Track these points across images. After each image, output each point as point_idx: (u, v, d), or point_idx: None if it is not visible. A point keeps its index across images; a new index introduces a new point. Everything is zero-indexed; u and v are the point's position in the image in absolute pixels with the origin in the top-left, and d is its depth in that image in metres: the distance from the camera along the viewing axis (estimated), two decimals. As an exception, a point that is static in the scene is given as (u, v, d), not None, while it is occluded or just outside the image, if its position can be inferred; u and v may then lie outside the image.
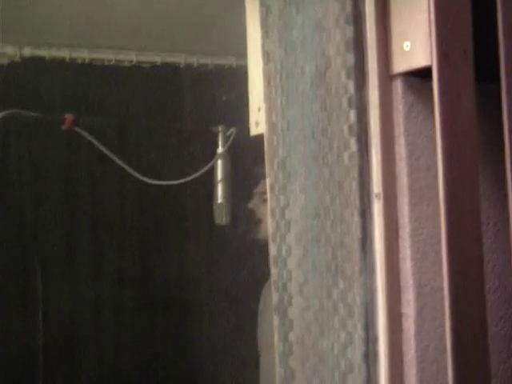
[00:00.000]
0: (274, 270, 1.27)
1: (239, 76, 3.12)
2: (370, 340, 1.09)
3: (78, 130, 2.25)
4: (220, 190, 2.40)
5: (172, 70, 3.00)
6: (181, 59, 3.13)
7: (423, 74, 1.09)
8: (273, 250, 1.27)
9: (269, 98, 1.27)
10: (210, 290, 2.97)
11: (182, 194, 2.68)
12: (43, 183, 2.59)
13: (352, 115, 1.10)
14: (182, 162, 2.71)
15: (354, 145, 1.10)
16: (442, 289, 1.10)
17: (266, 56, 1.27)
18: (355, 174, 1.10)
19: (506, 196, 1.09)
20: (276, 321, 1.27)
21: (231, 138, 2.39)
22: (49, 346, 2.73)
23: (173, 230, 2.79)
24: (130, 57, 3.08)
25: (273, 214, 1.27)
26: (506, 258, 1.18)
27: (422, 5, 1.05)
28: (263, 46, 1.28)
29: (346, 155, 1.11)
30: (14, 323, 2.59)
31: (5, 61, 2.83)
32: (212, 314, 2.99)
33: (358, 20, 1.10)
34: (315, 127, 1.17)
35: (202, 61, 3.18)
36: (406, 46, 1.07)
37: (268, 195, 1.29)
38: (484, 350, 1.05)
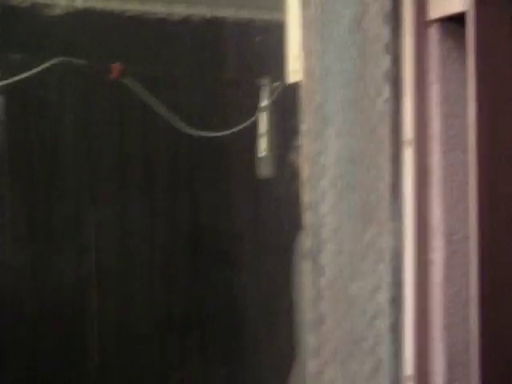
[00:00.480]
0: (306, 216, 1.29)
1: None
2: (398, 284, 1.10)
3: (125, 79, 2.28)
4: (264, 142, 2.42)
5: (219, 23, 3.02)
6: (229, 13, 3.14)
7: (462, 20, 1.07)
8: (306, 196, 1.28)
9: (307, 45, 1.27)
10: (255, 241, 3.00)
11: (228, 145, 2.70)
12: (93, 129, 2.64)
13: (387, 61, 1.10)
14: (228, 112, 2.73)
15: (387, 91, 1.10)
16: (470, 237, 1.11)
17: (305, 1, 1.27)
18: (388, 120, 1.10)
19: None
20: (307, 266, 1.29)
21: (277, 92, 2.39)
22: (102, 279, 2.81)
23: (218, 180, 2.82)
24: (179, 9, 3.10)
25: (307, 160, 1.28)
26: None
27: None
28: (303, -10, 1.28)
29: (379, 101, 1.11)
30: (69, 256, 2.67)
31: (58, 11, 2.88)
32: (255, 263, 3.03)
33: (396, -35, 1.09)
34: (352, 73, 1.17)
35: (249, 15, 3.19)
36: (444, -9, 1.05)
37: (302, 141, 1.30)
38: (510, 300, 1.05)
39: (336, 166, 1.22)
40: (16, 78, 2.22)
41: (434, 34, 1.08)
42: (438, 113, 1.09)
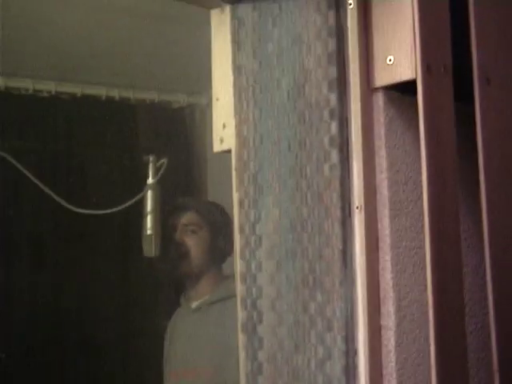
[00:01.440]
0: (241, 288, 1.25)
1: (167, 110, 3.14)
2: (350, 353, 1.08)
3: (5, 155, 2.17)
4: (149, 221, 2.35)
5: (94, 102, 2.97)
6: (102, 92, 3.10)
7: (403, 88, 1.11)
8: (241, 267, 1.24)
9: (239, 112, 1.26)
10: (125, 326, 2.89)
11: (110, 224, 2.62)
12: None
13: (333, 127, 1.10)
14: (111, 191, 2.65)
15: (335, 156, 1.10)
16: (418, 301, 1.11)
17: (238, 70, 1.26)
18: (336, 185, 1.10)
19: (478, 213, 1.11)
20: (243, 340, 1.24)
21: (162, 169, 2.34)
22: None
23: (98, 259, 2.72)
24: (48, 87, 3.02)
25: (241, 230, 1.25)
26: (475, 272, 1.20)
27: (406, 19, 1.07)
28: (234, 59, 1.27)
29: (326, 167, 1.11)
30: None
31: None
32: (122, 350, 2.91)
33: (340, 33, 1.11)
34: (292, 140, 1.16)
35: (124, 94, 3.17)
36: (389, 60, 1.08)
37: (236, 211, 1.27)
38: (464, 359, 1.06)
39: (274, 235, 1.19)
40: None
41: (378, 101, 1.11)
42: (384, 178, 1.10)
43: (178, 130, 3.16)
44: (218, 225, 2.39)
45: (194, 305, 2.42)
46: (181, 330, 2.47)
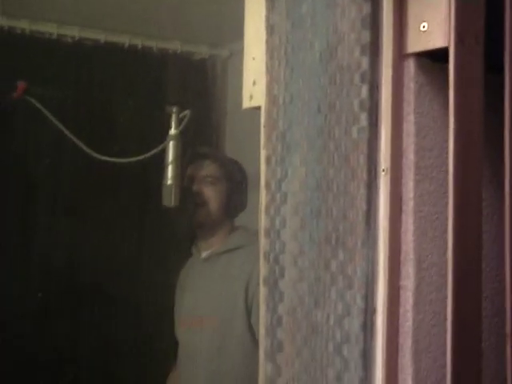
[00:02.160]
0: (264, 242, 1.28)
1: (189, 61, 3.15)
2: (369, 311, 1.12)
3: (29, 98, 2.19)
4: (170, 171, 2.38)
5: (129, 50, 2.99)
6: (125, 39, 3.12)
7: (435, 56, 1.12)
8: (265, 222, 1.28)
9: (271, 71, 1.28)
10: (140, 277, 2.95)
11: (132, 173, 2.65)
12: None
13: (364, 91, 1.12)
14: (133, 140, 2.69)
15: (364, 120, 1.12)
16: (437, 264, 1.14)
17: (270, 29, 1.28)
18: (363, 148, 1.12)
19: (501, 184, 1.14)
20: (264, 292, 1.28)
21: (185, 120, 2.37)
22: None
23: (117, 207, 2.76)
24: (72, 32, 3.04)
25: (267, 186, 1.28)
26: (493, 240, 1.23)
27: (442, -13, 1.08)
28: (267, 18, 1.29)
29: (355, 129, 1.13)
30: None
31: None
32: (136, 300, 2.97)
33: (375, -2, 1.12)
34: (322, 101, 1.19)
35: (147, 43, 3.18)
36: (423, 26, 1.10)
37: (262, 167, 1.30)
38: (478, 322, 1.09)
39: (300, 193, 1.22)
40: None
41: (410, 67, 1.12)
42: (411, 144, 1.12)
43: (199, 82, 3.18)
44: (236, 179, 2.43)
45: (204, 254, 2.47)
46: (190, 279, 2.53)
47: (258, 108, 1.33)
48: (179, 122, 2.38)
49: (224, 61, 3.34)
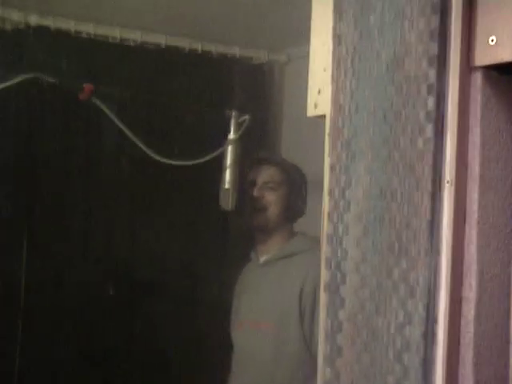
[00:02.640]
0: (327, 249, 1.30)
1: (248, 66, 3.18)
2: (430, 320, 1.13)
3: (95, 100, 2.25)
4: (228, 175, 2.42)
5: (192, 54, 3.03)
6: (185, 44, 3.17)
7: (503, 69, 1.13)
8: (328, 229, 1.30)
9: (337, 80, 1.30)
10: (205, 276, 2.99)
11: (190, 176, 2.70)
12: (61, 147, 2.60)
13: (430, 102, 1.14)
14: (192, 143, 2.73)
15: (430, 131, 1.13)
16: (500, 276, 1.15)
17: (338, 39, 1.30)
18: (429, 159, 1.13)
19: None
20: (325, 298, 1.30)
21: (244, 125, 2.40)
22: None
23: (178, 210, 2.81)
24: (134, 36, 3.10)
25: (331, 194, 1.30)
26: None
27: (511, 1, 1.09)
28: (335, 28, 1.31)
29: (420, 140, 1.14)
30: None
31: (8, 26, 2.81)
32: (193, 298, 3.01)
33: (444, 10, 1.13)
34: (388, 111, 1.20)
35: (206, 47, 3.22)
36: (492, 40, 1.10)
37: (326, 175, 1.32)
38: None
39: (363, 201, 1.24)
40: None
41: (477, 79, 1.13)
42: (477, 155, 1.13)
43: (257, 87, 3.21)
44: (297, 184, 2.45)
45: (263, 259, 2.50)
46: (248, 283, 2.55)
47: (323, 116, 1.35)
48: (238, 126, 2.41)
49: (282, 66, 3.37)
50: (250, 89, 3.18)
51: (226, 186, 2.41)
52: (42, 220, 2.68)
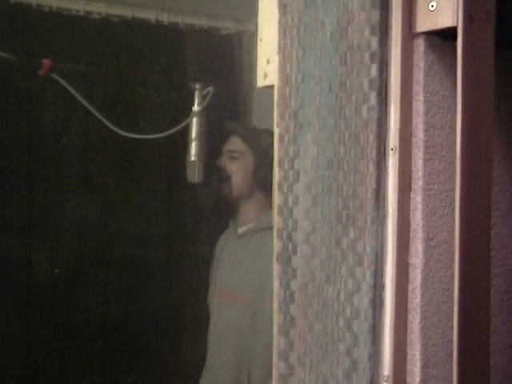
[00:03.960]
0: (278, 219, 1.30)
1: (215, 36, 3.16)
2: (378, 287, 1.14)
3: (54, 76, 2.23)
4: (194, 147, 2.41)
5: (143, 25, 3.01)
6: (151, 15, 3.13)
7: (444, 34, 1.13)
8: (279, 200, 1.30)
9: (283, 50, 1.29)
10: (169, 248, 3.00)
11: (155, 149, 2.69)
12: (19, 126, 2.58)
13: (373, 70, 1.13)
14: (156, 116, 2.72)
15: (373, 99, 1.13)
16: (447, 242, 1.16)
17: (283, 8, 1.29)
18: (373, 127, 1.13)
19: None
20: (278, 269, 1.30)
21: (208, 97, 2.39)
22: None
23: (144, 184, 2.81)
24: (99, 9, 3.06)
25: (280, 164, 1.30)
26: (505, 217, 1.24)
27: (450, -34, 1.08)
28: (280, -2, 1.30)
29: (364, 108, 1.14)
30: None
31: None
32: (168, 271, 3.02)
33: (385, -23, 1.13)
34: (333, 80, 1.20)
35: (173, 19, 3.19)
36: (432, 6, 1.10)
37: (276, 146, 1.32)
38: (486, 298, 1.11)
39: (311, 171, 1.24)
40: None
41: (419, 46, 1.13)
42: (420, 122, 1.13)
43: (225, 58, 3.19)
44: (265, 152, 2.41)
45: (240, 231, 2.49)
46: (226, 254, 2.55)
47: (272, 87, 1.35)
48: (203, 98, 2.40)
49: (250, 36, 3.34)
50: (218, 60, 3.16)
51: (192, 158, 2.40)
52: (7, 197, 2.67)
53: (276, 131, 1.31)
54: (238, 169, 2.44)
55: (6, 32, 2.48)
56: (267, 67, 1.38)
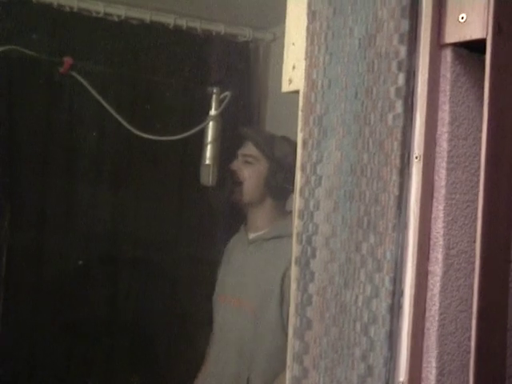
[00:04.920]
0: (298, 223, 1.32)
1: (232, 43, 3.18)
2: (397, 294, 1.15)
3: (74, 74, 2.25)
4: (208, 151, 2.43)
5: (162, 29, 3.03)
6: (170, 20, 3.15)
7: (472, 46, 1.14)
8: (299, 204, 1.31)
9: (310, 56, 1.30)
10: (179, 251, 3.01)
11: (170, 151, 2.71)
12: (39, 121, 2.60)
13: (400, 78, 1.15)
14: (173, 119, 2.74)
15: (399, 107, 1.14)
16: (466, 252, 1.17)
17: (312, 15, 1.31)
18: (398, 135, 1.15)
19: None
20: (296, 272, 1.31)
21: (225, 102, 2.41)
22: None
23: (158, 185, 2.82)
24: (119, 11, 3.08)
25: (303, 169, 1.31)
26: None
27: (482, -21, 1.10)
28: (310, 5, 1.31)
29: (390, 116, 1.16)
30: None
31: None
32: (176, 273, 3.03)
33: (415, -13, 1.14)
34: (359, 87, 1.21)
35: (191, 24, 3.21)
36: (462, 17, 1.11)
37: (299, 151, 1.33)
38: (504, 308, 1.12)
39: (334, 177, 1.25)
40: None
41: (447, 57, 1.14)
42: (445, 132, 1.14)
43: (241, 64, 3.21)
44: (280, 159, 2.40)
45: (251, 236, 2.48)
46: (235, 258, 2.54)
47: (297, 92, 1.36)
48: (219, 103, 2.42)
49: (267, 44, 3.36)
50: (235, 66, 3.17)
51: (207, 161, 2.42)
52: (24, 194, 2.69)
53: (299, 136, 1.32)
54: (250, 174, 2.43)
55: (29, 30, 2.51)
56: (293, 73, 1.39)
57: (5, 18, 2.66)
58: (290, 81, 1.40)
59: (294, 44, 1.39)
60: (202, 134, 2.42)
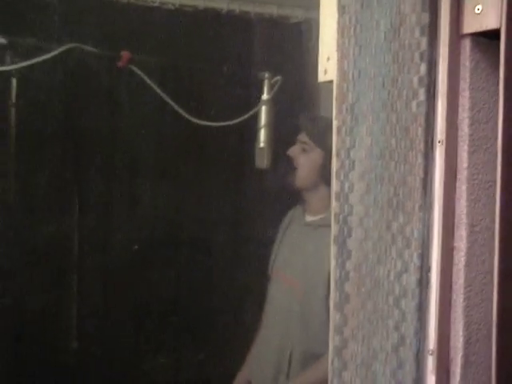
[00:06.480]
0: (335, 204, 1.41)
1: (284, 26, 3.26)
2: (424, 269, 1.24)
3: (133, 67, 2.37)
4: (262, 134, 2.53)
5: (215, 15, 3.12)
6: (223, 5, 3.24)
7: (491, 35, 1.21)
8: (336, 186, 1.41)
9: (341, 48, 1.39)
10: (237, 232, 3.12)
11: (226, 136, 2.81)
12: (101, 115, 2.74)
13: (423, 68, 1.23)
14: (227, 104, 2.84)
15: (422, 95, 1.23)
16: (489, 228, 1.24)
17: (342, 9, 1.39)
18: (422, 120, 1.23)
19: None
20: (334, 250, 1.41)
21: (277, 86, 2.50)
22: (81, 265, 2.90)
23: (213, 169, 2.94)
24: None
25: (338, 154, 1.40)
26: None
27: (496, -29, 1.16)
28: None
29: (414, 104, 1.24)
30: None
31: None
32: (233, 253, 3.15)
33: (434, -18, 1.22)
34: (386, 77, 1.30)
35: (244, 8, 3.29)
36: (478, 9, 1.18)
37: (334, 137, 1.42)
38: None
39: (365, 161, 1.34)
40: (29, 62, 2.30)
41: (466, 46, 1.22)
42: (466, 117, 1.22)
43: (294, 46, 3.27)
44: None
45: (308, 219, 2.56)
46: (289, 236, 2.64)
47: (331, 82, 1.45)
48: (271, 87, 2.51)
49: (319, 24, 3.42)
50: (287, 49, 3.25)
51: (261, 145, 2.52)
52: (91, 183, 2.84)
53: (334, 123, 1.41)
54: (305, 162, 2.48)
55: (84, 24, 2.63)
56: (327, 64, 1.48)
57: (61, 14, 2.79)
58: (326, 71, 1.49)
59: (325, 37, 1.47)
60: (256, 118, 2.51)
